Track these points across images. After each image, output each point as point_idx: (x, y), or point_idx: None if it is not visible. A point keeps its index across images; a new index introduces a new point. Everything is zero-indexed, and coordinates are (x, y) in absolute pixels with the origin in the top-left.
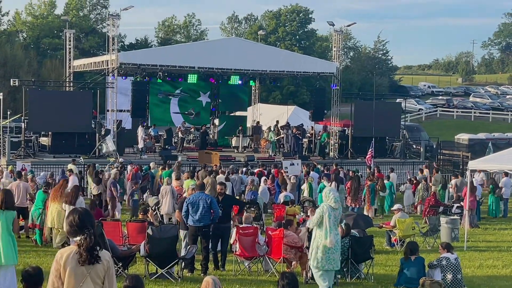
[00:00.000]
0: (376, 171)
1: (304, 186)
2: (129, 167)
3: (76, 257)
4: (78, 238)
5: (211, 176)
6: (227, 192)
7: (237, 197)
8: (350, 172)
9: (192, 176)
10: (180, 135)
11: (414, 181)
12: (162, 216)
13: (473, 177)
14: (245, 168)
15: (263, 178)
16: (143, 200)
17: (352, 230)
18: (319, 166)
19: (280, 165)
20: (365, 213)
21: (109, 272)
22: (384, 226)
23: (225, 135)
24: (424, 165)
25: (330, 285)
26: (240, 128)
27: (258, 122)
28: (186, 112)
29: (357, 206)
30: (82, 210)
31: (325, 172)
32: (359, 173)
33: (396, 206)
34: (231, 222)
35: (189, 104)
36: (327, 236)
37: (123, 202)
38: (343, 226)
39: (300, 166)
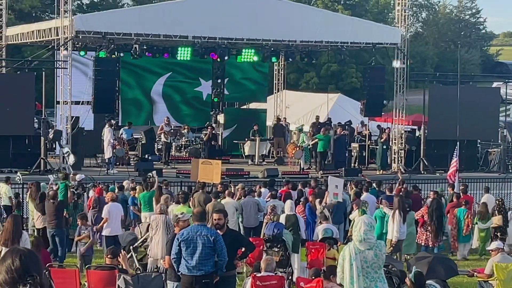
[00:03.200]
0: (462, 192)
1: (355, 215)
2: (91, 192)
3: None
4: None
5: (215, 200)
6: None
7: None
8: (431, 193)
9: (185, 200)
10: (163, 138)
11: None
12: (140, 259)
13: None
14: (265, 189)
15: (289, 202)
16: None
17: (428, 281)
18: (374, 185)
19: (320, 184)
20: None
21: None
22: (476, 274)
23: (234, 138)
24: None
25: None
26: (255, 128)
27: (283, 119)
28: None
29: (436, 245)
30: (26, 250)
31: (387, 193)
32: (443, 194)
33: (494, 245)
34: (235, 270)
35: (182, 95)
36: None
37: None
38: (411, 278)
39: (341, 189)
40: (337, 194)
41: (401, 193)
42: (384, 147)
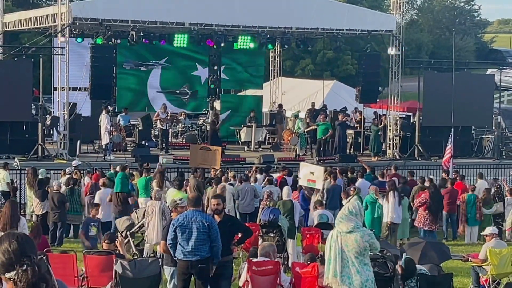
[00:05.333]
0: (456, 177)
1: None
2: (86, 178)
3: None
4: (13, 273)
5: (211, 186)
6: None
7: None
8: (427, 179)
9: (180, 186)
10: (159, 125)
11: None
12: (137, 245)
13: None
14: (260, 175)
15: (286, 188)
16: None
17: (419, 266)
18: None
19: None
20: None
21: None
22: (470, 259)
23: (230, 125)
24: None
25: None
26: (252, 114)
27: (280, 106)
28: (178, 91)
29: (435, 229)
30: (21, 233)
31: (379, 179)
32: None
33: (488, 230)
34: (232, 255)
35: (179, 80)
36: (327, 274)
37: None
38: (402, 265)
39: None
40: (314, 181)
41: (394, 178)
42: (380, 133)
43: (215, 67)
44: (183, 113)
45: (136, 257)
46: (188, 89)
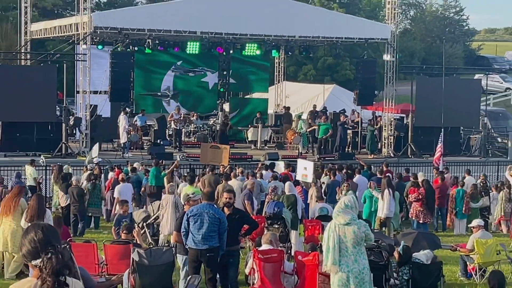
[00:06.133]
0: (445, 174)
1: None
2: (110, 173)
3: None
4: (39, 260)
5: (225, 182)
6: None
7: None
8: (418, 177)
9: (191, 181)
10: (173, 125)
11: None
12: (154, 234)
13: None
14: (265, 172)
15: (288, 183)
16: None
17: (414, 254)
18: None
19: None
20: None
21: None
22: (458, 249)
23: (238, 125)
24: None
25: None
26: (258, 115)
27: (287, 108)
28: (159, 94)
29: (428, 222)
30: (46, 224)
31: (378, 175)
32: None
33: (475, 222)
34: (240, 245)
35: (188, 85)
36: (326, 261)
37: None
38: (400, 251)
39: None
40: (306, 176)
41: (388, 175)
42: (376, 133)
43: (225, 72)
44: (195, 114)
45: (151, 246)
46: (168, 92)
